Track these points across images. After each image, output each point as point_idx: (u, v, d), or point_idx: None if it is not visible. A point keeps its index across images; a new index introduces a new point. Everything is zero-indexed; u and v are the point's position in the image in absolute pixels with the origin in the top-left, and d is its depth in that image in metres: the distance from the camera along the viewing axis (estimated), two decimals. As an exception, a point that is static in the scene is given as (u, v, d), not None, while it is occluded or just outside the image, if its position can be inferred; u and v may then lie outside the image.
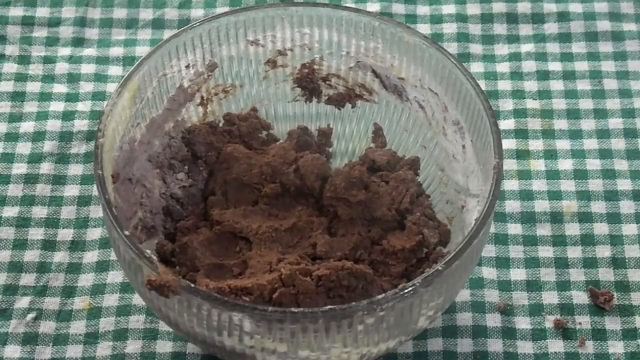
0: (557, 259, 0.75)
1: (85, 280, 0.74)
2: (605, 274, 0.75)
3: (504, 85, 0.84)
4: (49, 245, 0.76)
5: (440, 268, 0.60)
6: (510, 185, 0.79)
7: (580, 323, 0.73)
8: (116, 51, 0.86)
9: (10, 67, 0.85)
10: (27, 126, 0.82)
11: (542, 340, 0.72)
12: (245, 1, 0.89)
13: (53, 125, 0.82)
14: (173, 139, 0.73)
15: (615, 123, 0.82)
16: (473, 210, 0.67)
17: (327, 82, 0.75)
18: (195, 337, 0.63)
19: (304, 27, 0.73)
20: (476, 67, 0.85)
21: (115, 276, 0.74)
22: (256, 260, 0.68)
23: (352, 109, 0.76)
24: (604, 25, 0.87)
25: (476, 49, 0.86)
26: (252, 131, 0.75)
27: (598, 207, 0.78)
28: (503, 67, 0.85)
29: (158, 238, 0.71)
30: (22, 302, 0.73)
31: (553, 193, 0.78)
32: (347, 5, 0.87)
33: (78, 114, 0.82)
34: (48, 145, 0.81)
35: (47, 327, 0.72)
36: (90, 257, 0.75)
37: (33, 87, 0.84)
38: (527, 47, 0.86)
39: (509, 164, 0.80)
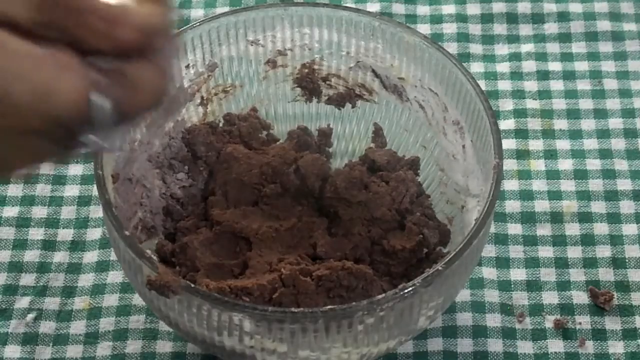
0: (557, 259, 0.75)
1: (85, 280, 0.74)
2: (605, 274, 0.75)
3: (504, 85, 0.84)
4: (49, 245, 0.76)
5: (440, 268, 0.60)
6: (510, 185, 0.79)
7: (580, 323, 0.73)
8: (116, 51, 0.86)
9: (10, 67, 0.85)
10: (27, 126, 0.82)
11: (542, 340, 0.72)
12: (245, 1, 0.89)
13: (53, 125, 0.81)
14: (173, 139, 0.73)
15: (615, 123, 0.82)
16: (473, 210, 0.67)
17: (327, 82, 0.75)
18: (195, 337, 0.63)
19: (304, 27, 0.73)
20: (476, 67, 0.85)
21: (115, 276, 0.74)
22: (256, 261, 0.68)
23: (352, 109, 0.76)
24: (604, 25, 0.87)
25: (476, 49, 0.86)
26: (252, 131, 0.75)
27: (598, 207, 0.78)
28: (503, 67, 0.85)
29: (158, 238, 0.71)
30: (22, 302, 0.73)
31: (553, 193, 0.78)
32: (347, 5, 0.87)
33: (78, 114, 0.82)
34: (48, 145, 0.80)
35: (47, 327, 0.72)
36: (90, 257, 0.75)
37: (33, 87, 0.84)
38: (527, 47, 0.86)
39: (509, 164, 0.80)
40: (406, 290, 0.60)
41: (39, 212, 0.77)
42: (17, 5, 0.45)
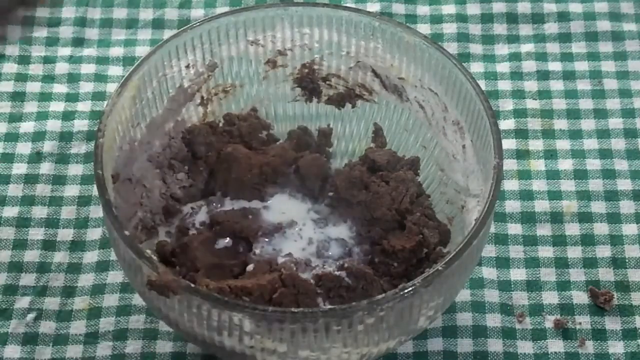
0: (557, 259, 0.75)
1: (85, 280, 0.74)
2: (605, 274, 0.75)
3: (504, 85, 0.84)
4: (49, 245, 0.76)
5: (440, 268, 0.60)
6: (510, 185, 0.79)
7: (580, 323, 0.73)
8: (116, 51, 0.86)
9: (10, 67, 0.85)
10: (27, 126, 0.82)
11: (542, 340, 0.72)
12: (245, 1, 0.89)
13: (53, 125, 0.82)
14: (173, 139, 0.73)
15: (615, 123, 0.82)
16: (473, 210, 0.67)
17: (327, 82, 0.75)
18: (195, 337, 0.63)
19: (304, 27, 0.73)
20: (476, 67, 0.85)
21: (115, 276, 0.74)
22: (256, 260, 0.68)
23: (352, 109, 0.76)
24: (604, 25, 0.87)
25: (476, 49, 0.86)
26: (252, 131, 0.75)
27: (598, 207, 0.78)
28: (503, 67, 0.85)
29: (158, 238, 0.71)
30: (22, 302, 0.73)
31: (553, 193, 0.78)
32: (347, 5, 0.87)
33: (78, 114, 0.82)
34: (48, 145, 0.81)
35: (47, 327, 0.72)
36: (90, 257, 0.75)
37: (33, 87, 0.84)
38: (527, 47, 0.86)
39: (509, 164, 0.80)
40: (406, 290, 0.60)
41: (39, 212, 0.77)
42: None
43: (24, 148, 0.80)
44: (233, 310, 0.59)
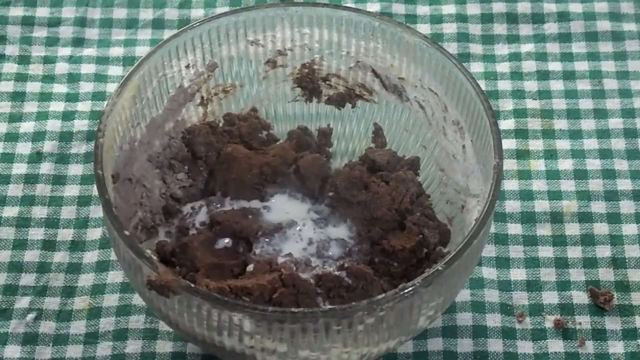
0: (557, 259, 0.75)
1: (85, 280, 0.74)
2: (605, 274, 0.75)
3: (504, 85, 0.84)
4: (49, 245, 0.76)
5: (440, 268, 0.60)
6: (510, 185, 0.79)
7: (580, 323, 0.73)
8: (116, 51, 0.86)
9: (10, 67, 0.85)
10: (27, 126, 0.82)
11: (542, 340, 0.72)
12: (245, 1, 0.89)
13: (53, 125, 0.82)
14: (173, 139, 0.73)
15: (615, 123, 0.82)
16: (473, 210, 0.67)
17: (327, 82, 0.75)
18: (195, 337, 0.63)
19: (304, 27, 0.73)
20: (476, 67, 0.85)
21: (115, 276, 0.74)
22: (256, 260, 0.68)
23: (352, 109, 0.76)
24: (604, 25, 0.87)
25: (476, 49, 0.86)
26: (252, 131, 0.75)
27: (598, 207, 0.78)
28: (503, 67, 0.85)
29: (158, 238, 0.71)
30: (22, 302, 0.73)
31: (553, 193, 0.78)
32: (347, 5, 0.87)
33: (78, 114, 0.82)
34: (48, 145, 0.81)
35: (47, 327, 0.72)
36: (90, 257, 0.75)
37: (33, 87, 0.84)
38: (527, 47, 0.86)
39: (509, 164, 0.80)
40: (406, 290, 0.60)
41: (39, 212, 0.77)
42: None
43: (24, 148, 0.80)
44: (233, 310, 0.59)
